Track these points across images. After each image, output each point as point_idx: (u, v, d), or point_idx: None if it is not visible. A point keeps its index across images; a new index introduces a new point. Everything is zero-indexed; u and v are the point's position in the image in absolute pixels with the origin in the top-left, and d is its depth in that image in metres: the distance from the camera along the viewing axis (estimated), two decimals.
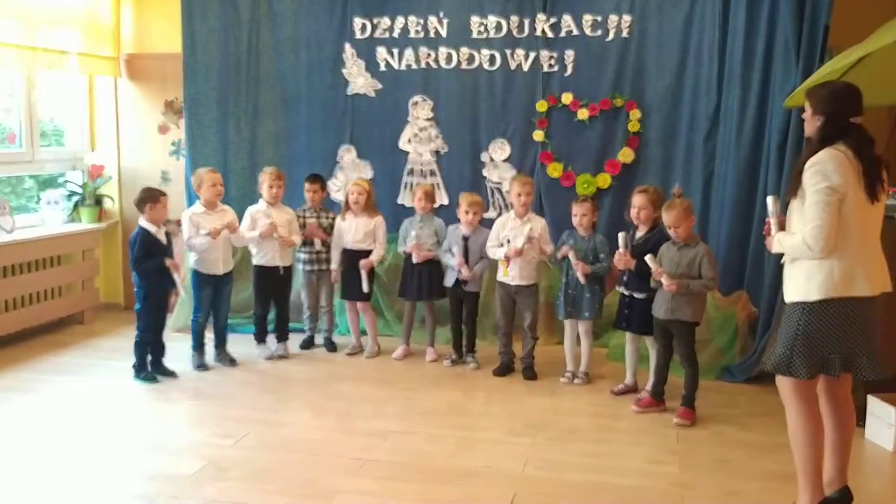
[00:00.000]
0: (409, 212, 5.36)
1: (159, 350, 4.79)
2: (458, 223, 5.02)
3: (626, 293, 4.30)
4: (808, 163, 2.67)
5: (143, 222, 4.61)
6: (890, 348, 3.39)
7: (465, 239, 4.88)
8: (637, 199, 4.22)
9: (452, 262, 4.83)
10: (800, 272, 2.75)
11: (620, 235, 4.11)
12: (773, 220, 2.82)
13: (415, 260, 4.91)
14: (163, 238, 4.66)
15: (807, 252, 2.68)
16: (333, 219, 5.35)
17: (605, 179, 5.54)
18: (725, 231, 5.02)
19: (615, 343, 5.18)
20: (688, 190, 4.77)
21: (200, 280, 4.92)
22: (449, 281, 4.95)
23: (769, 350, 4.21)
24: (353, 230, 5.13)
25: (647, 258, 3.92)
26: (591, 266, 4.48)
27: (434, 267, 5.04)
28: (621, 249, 4.09)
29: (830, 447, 2.88)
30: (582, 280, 4.40)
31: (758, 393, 4.55)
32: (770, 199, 2.85)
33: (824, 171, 2.63)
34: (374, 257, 5.10)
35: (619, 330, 4.52)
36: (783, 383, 2.83)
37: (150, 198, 4.57)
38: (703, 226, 5.10)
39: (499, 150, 5.68)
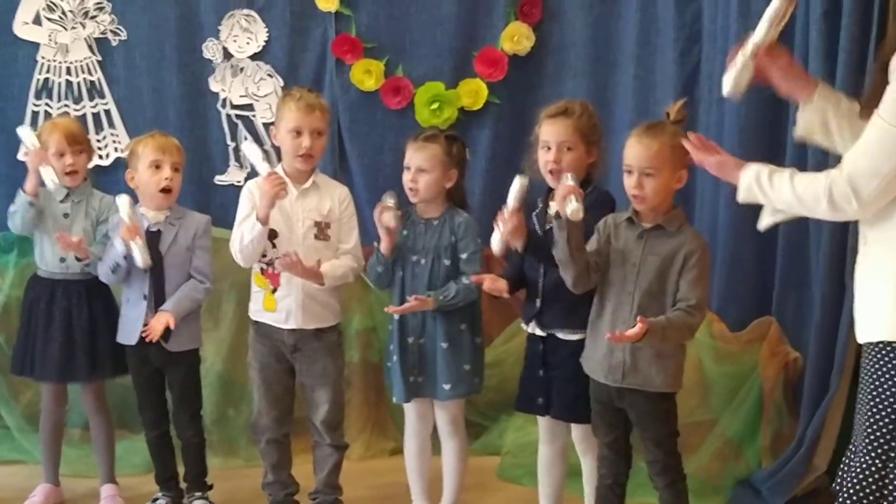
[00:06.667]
0: None
1: None
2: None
3: (541, 332, 3.54)
4: None
5: None
6: None
7: (151, 234, 3.90)
8: (549, 130, 3.50)
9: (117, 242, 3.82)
10: (882, 285, 2.44)
11: (516, 181, 3.44)
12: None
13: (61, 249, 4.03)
14: None
15: (824, 208, 2.43)
16: None
17: (474, 93, 4.60)
18: (727, 210, 4.25)
19: (514, 442, 4.41)
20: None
21: None
22: (127, 333, 3.89)
23: (823, 444, 3.82)
24: None
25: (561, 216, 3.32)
26: (437, 297, 3.65)
27: (95, 301, 3.97)
28: (510, 204, 3.42)
29: None
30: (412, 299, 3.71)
31: None
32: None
33: None
34: None
35: (525, 413, 3.88)
36: None
37: None
38: (685, 201, 4.17)
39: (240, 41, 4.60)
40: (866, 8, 3.55)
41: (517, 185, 3.37)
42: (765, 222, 2.69)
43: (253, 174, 4.53)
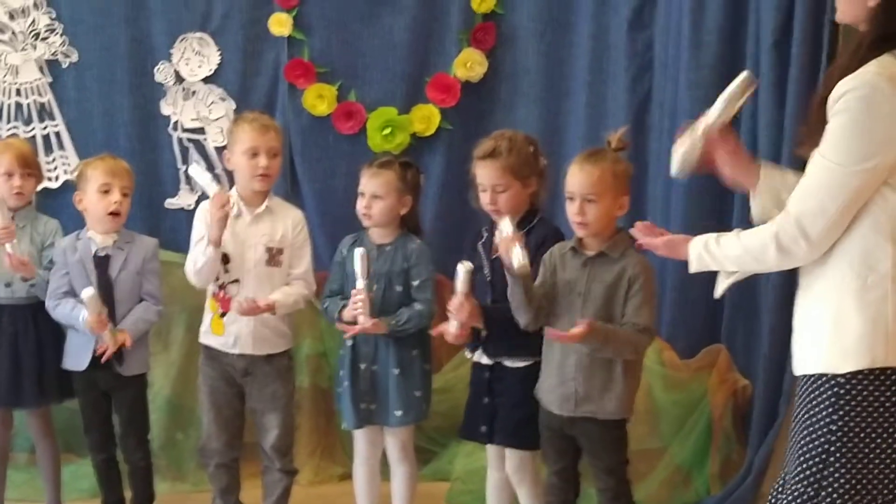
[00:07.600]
0: None
1: None
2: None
3: (487, 361, 3.55)
4: (841, 87, 2.36)
5: None
6: None
7: (100, 259, 3.88)
8: (483, 172, 3.58)
9: (80, 316, 3.74)
10: (821, 317, 2.49)
11: (460, 269, 3.48)
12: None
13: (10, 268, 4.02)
14: None
15: (772, 254, 2.46)
16: None
17: (427, 119, 4.63)
18: (679, 228, 4.10)
19: (464, 468, 4.41)
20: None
21: None
22: (75, 358, 3.86)
23: (771, 471, 3.89)
24: None
25: (513, 254, 3.34)
26: (390, 322, 3.69)
27: (42, 324, 3.94)
28: (458, 292, 3.48)
29: None
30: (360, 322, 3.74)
31: None
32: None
33: (868, 118, 2.35)
34: None
35: (470, 441, 3.91)
36: None
37: None
38: (634, 219, 4.25)
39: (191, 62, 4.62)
40: (816, 38, 3.66)
41: (461, 272, 3.39)
42: (720, 288, 2.71)
43: (204, 197, 4.61)
